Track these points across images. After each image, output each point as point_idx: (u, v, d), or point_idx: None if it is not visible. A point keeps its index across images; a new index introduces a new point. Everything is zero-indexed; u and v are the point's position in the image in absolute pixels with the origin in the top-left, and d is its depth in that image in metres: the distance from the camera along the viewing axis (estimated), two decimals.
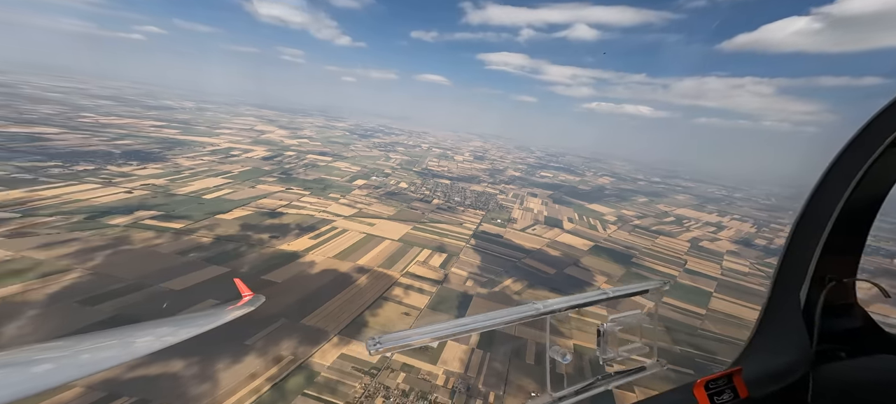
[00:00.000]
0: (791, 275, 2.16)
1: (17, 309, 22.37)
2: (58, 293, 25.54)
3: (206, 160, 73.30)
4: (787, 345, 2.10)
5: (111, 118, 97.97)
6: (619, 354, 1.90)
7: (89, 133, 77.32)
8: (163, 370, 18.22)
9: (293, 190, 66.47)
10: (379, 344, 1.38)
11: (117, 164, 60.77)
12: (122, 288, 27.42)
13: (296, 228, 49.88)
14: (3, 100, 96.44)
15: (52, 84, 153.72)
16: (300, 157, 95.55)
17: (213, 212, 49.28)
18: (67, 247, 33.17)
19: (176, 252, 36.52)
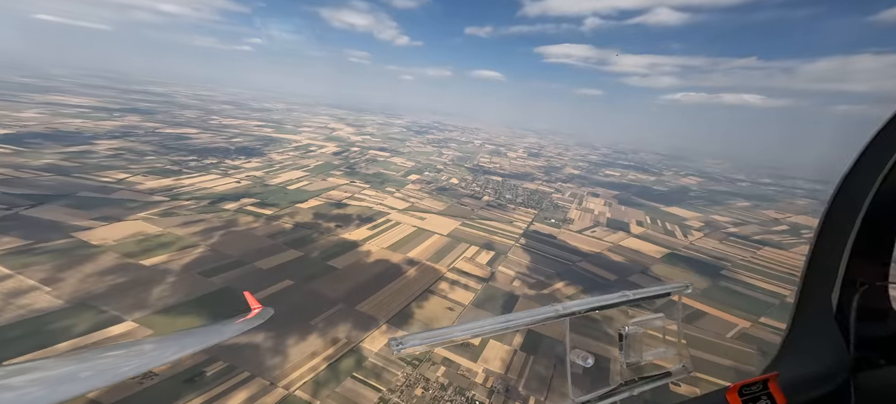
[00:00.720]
0: (820, 278, 2.05)
1: (162, 275, 29.29)
2: (189, 264, 32.42)
3: (291, 155, 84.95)
4: (823, 351, 1.99)
5: (229, 120, 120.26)
6: (642, 358, 1.83)
7: (214, 132, 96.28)
8: (248, 341, 22.02)
9: (356, 183, 72.77)
10: (401, 344, 1.38)
11: (232, 159, 74.60)
12: (228, 264, 33.63)
13: (356, 219, 54.65)
14: (163, 107, 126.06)
15: (193, 92, 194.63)
16: (363, 153, 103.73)
17: (294, 201, 57.05)
18: (196, 226, 41.88)
19: (266, 235, 43.30)
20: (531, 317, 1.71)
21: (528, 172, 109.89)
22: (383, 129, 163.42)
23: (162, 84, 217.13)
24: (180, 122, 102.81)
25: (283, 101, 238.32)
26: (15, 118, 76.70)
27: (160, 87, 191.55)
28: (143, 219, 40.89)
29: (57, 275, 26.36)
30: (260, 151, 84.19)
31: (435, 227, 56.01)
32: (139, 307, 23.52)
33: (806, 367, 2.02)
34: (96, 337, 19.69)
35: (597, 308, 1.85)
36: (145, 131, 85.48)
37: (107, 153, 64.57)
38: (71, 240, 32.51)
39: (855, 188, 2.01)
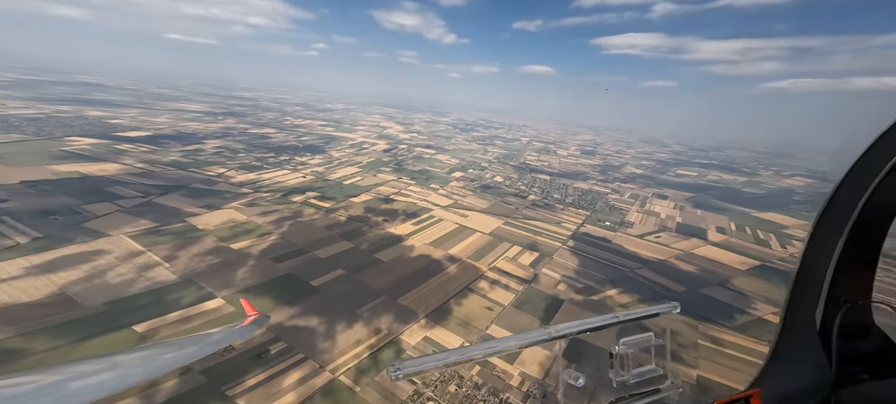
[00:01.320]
0: (805, 296, 2.11)
1: (245, 259, 34.40)
2: (264, 249, 37.46)
3: (347, 152, 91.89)
4: (805, 368, 2.05)
5: (299, 120, 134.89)
6: (632, 377, 1.86)
7: (288, 132, 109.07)
8: (305, 324, 24.82)
9: (403, 179, 75.71)
10: (399, 370, 1.43)
11: (300, 155, 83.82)
12: (294, 252, 38.04)
13: (402, 214, 57.03)
14: (251, 110, 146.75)
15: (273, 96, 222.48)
16: (410, 150, 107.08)
17: (348, 195, 61.86)
18: (271, 216, 48.09)
19: (324, 226, 47.84)
20: (523, 340, 1.73)
21: (580, 171, 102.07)
22: (430, 127, 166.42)
23: (250, 89, 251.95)
24: (263, 123, 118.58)
25: (342, 101, 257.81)
26: (151, 123, 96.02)
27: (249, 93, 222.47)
28: (234, 208, 48.22)
29: (174, 253, 32.81)
30: (322, 149, 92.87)
31: (477, 225, 55.69)
32: (227, 286, 28.11)
33: (788, 384, 2.03)
34: (195, 311, 24.14)
35: (588, 330, 1.87)
36: (238, 132, 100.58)
37: (212, 151, 77.31)
38: (184, 225, 39.90)
39: (840, 208, 2.00)
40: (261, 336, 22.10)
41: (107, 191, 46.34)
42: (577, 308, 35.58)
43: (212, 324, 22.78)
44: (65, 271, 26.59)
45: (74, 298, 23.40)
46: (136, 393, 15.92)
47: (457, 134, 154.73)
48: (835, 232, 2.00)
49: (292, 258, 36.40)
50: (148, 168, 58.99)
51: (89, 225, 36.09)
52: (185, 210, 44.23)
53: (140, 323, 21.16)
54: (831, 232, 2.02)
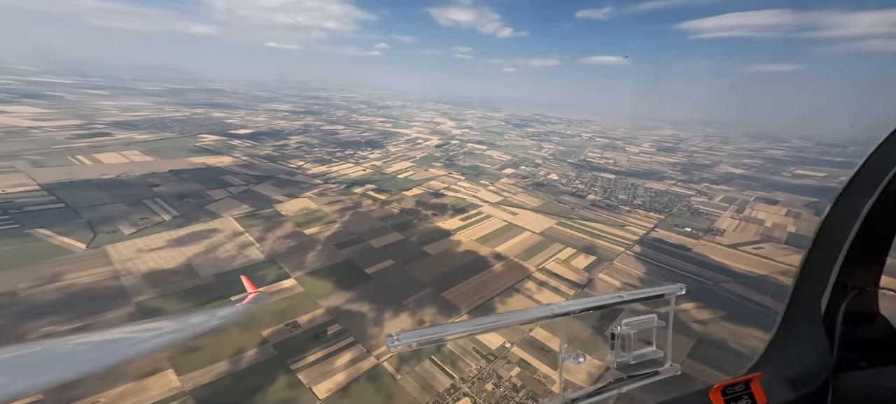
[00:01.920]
0: (812, 282, 2.10)
1: (314, 244, 39.11)
2: (329, 236, 41.99)
3: (402, 148, 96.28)
4: (807, 353, 2.04)
5: (363, 117, 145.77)
6: (632, 357, 1.86)
7: (353, 128, 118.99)
8: (357, 309, 27.41)
9: (453, 174, 76.36)
10: (397, 341, 1.39)
11: (362, 150, 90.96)
12: (352, 240, 41.86)
13: (451, 209, 57.85)
14: (324, 108, 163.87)
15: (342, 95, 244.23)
16: (462, 146, 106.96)
17: (402, 188, 65.11)
18: (337, 205, 53.49)
19: (379, 217, 51.40)
20: (526, 316, 1.70)
21: (654, 170, 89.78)
22: (482, 123, 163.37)
23: (325, 89, 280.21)
24: (333, 120, 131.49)
25: (399, 98, 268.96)
26: (253, 121, 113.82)
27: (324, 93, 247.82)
28: (308, 197, 54.92)
29: (263, 234, 39.10)
30: (380, 144, 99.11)
31: (527, 224, 53.59)
32: (298, 267, 32.53)
33: (789, 368, 2.02)
34: (274, 288, 28.56)
35: (591, 308, 1.83)
36: (314, 128, 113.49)
37: (294, 145, 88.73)
38: (271, 210, 46.97)
39: (856, 194, 1.95)
40: (321, 316, 25.17)
41: (221, 179, 56.85)
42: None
43: (284, 302, 26.69)
44: (191, 245, 33.93)
45: (195, 268, 29.74)
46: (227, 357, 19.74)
47: (510, 130, 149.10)
48: (850, 218, 1.94)
49: (351, 245, 40.10)
50: (249, 160, 70.56)
51: (209, 207, 44.92)
52: (273, 197, 51.94)
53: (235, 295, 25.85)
54: (846, 218, 1.95)
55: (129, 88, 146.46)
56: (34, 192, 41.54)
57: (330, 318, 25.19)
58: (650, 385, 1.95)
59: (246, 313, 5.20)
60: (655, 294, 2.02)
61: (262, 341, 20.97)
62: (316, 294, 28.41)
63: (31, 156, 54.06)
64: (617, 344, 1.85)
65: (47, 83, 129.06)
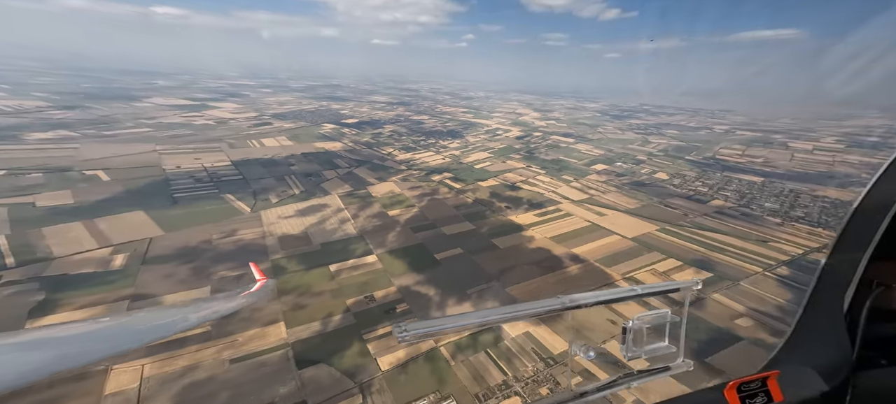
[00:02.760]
0: (835, 278, 2.01)
1: (395, 225, 43.14)
2: (408, 219, 45.58)
3: (482, 138, 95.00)
4: (827, 350, 1.97)
5: (447, 108, 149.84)
6: (644, 352, 1.80)
7: (437, 118, 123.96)
8: (424, 292, 29.23)
9: (532, 168, 71.32)
10: (405, 332, 1.36)
11: (443, 140, 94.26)
12: (426, 225, 44.34)
13: (526, 203, 54.61)
14: (414, 99, 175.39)
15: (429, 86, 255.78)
16: (545, 138, 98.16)
17: (477, 179, 64.83)
18: (416, 191, 57.33)
19: (453, 205, 52.74)
20: (536, 308, 1.67)
21: (836, 172, 64.35)
22: (572, 114, 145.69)
23: (415, 82, 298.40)
24: (420, 111, 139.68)
25: (483, 89, 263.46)
26: (359, 112, 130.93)
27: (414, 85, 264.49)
28: (394, 181, 60.59)
29: (357, 213, 45.36)
30: (461, 134, 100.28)
31: (616, 227, 46.36)
32: (380, 245, 36.60)
33: (807, 365, 1.94)
34: (360, 262, 32.81)
35: (604, 302, 1.77)
36: (404, 118, 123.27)
37: (387, 134, 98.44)
38: (365, 191, 53.84)
39: (888, 187, 1.89)
40: (393, 294, 27.89)
41: (333, 162, 68.01)
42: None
43: (366, 276, 30.54)
44: (309, 216, 42.22)
45: (310, 236, 36.90)
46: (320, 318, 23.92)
47: (606, 121, 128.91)
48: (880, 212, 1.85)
49: (425, 230, 42.58)
50: (353, 146, 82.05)
51: (323, 185, 54.62)
52: (367, 180, 59.37)
53: (332, 264, 30.96)
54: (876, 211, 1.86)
55: (284, 86, 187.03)
56: (227, 167, 58.62)
57: (400, 297, 27.65)
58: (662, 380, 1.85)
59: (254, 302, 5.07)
60: (670, 288, 1.92)
61: (346, 309, 24.64)
62: (391, 272, 31.55)
63: (228, 139, 75.77)
64: (628, 338, 1.77)
65: (241, 85, 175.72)
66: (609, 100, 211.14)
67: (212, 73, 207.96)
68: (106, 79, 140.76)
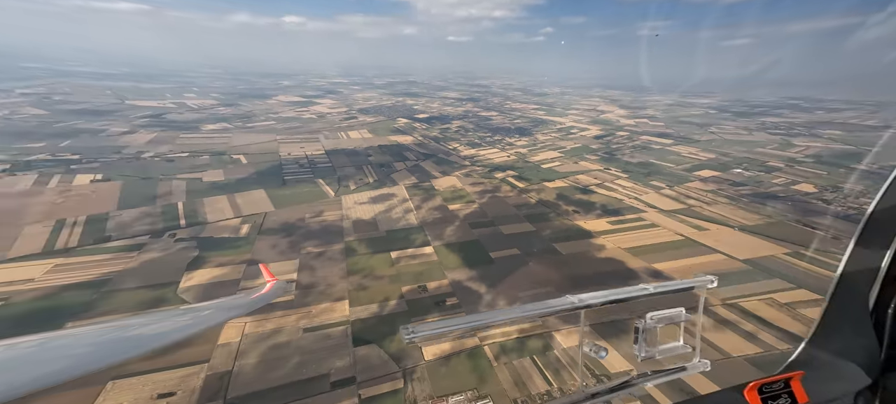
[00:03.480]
0: (859, 275, 1.94)
1: (454, 219, 43.68)
2: (466, 215, 45.64)
3: (552, 136, 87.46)
4: (853, 350, 1.90)
5: (517, 104, 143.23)
6: (658, 352, 1.75)
7: (505, 115, 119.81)
8: (476, 288, 28.87)
9: (611, 170, 62.42)
10: (413, 333, 1.34)
11: (510, 137, 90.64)
12: (484, 223, 43.60)
13: (599, 208, 48.38)
14: (483, 95, 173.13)
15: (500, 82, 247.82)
16: (632, 138, 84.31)
17: (543, 179, 60.31)
18: (478, 187, 56.87)
19: (514, 205, 50.43)
20: (546, 308, 1.65)
21: None
22: (672, 111, 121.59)
23: (486, 78, 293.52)
24: (489, 107, 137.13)
25: (559, 85, 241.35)
26: (429, 107, 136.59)
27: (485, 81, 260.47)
28: (456, 176, 61.39)
29: (419, 204, 47.66)
30: (529, 131, 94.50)
31: (720, 244, 37.56)
32: (438, 238, 37.65)
33: (832, 366, 1.88)
34: (417, 252, 34.39)
35: (615, 301, 1.72)
36: (472, 114, 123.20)
37: (455, 129, 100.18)
38: (429, 184, 56.09)
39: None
40: (445, 287, 28.37)
41: (403, 154, 72.85)
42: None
43: (421, 266, 31.83)
44: (378, 204, 46.39)
45: (377, 223, 40.50)
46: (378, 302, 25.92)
47: (724, 120, 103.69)
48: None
49: (482, 227, 41.96)
50: (421, 140, 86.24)
51: (393, 176, 59.13)
52: (432, 173, 61.68)
53: (394, 251, 33.26)
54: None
55: (369, 83, 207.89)
56: (321, 155, 69.02)
57: (451, 291, 27.97)
58: (678, 381, 1.75)
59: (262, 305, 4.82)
60: (684, 286, 1.85)
61: (400, 295, 26.20)
62: (445, 265, 32.15)
63: (324, 131, 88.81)
64: (642, 338, 1.69)
65: (338, 83, 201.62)
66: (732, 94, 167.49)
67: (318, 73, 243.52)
68: (251, 81, 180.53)
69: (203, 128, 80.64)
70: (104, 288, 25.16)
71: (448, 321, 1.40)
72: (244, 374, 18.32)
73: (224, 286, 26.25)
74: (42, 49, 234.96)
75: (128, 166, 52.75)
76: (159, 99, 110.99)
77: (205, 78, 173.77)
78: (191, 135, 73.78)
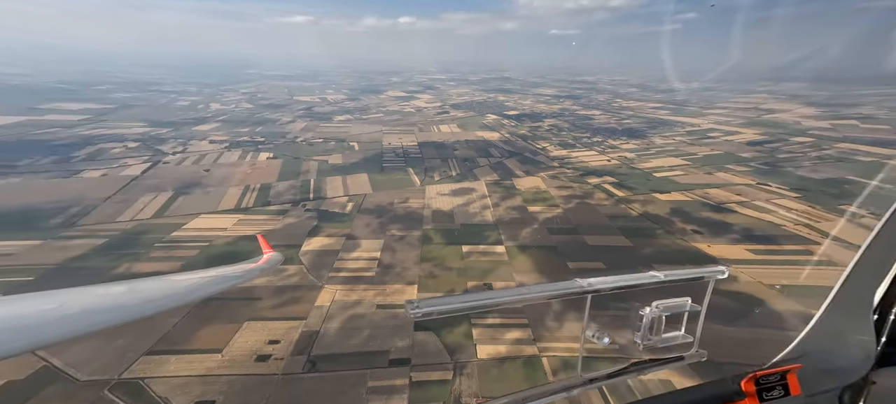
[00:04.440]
0: (867, 273, 1.99)
1: (532, 221, 40.90)
2: (546, 218, 42.04)
3: (677, 140, 69.51)
4: (850, 345, 2.00)
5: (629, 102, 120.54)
6: (660, 341, 1.78)
7: (611, 114, 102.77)
8: None
9: (769, 186, 45.41)
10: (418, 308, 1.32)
11: (614, 139, 77.37)
12: (566, 229, 39.16)
13: (736, 232, 36.38)
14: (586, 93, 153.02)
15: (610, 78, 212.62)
16: (817, 146, 58.23)
17: (653, 189, 49.20)
18: (564, 191, 51.39)
19: (607, 215, 43.23)
20: (553, 291, 1.62)
21: None
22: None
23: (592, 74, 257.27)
24: (591, 105, 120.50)
25: (699, 79, 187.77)
26: (521, 104, 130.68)
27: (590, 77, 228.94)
28: (541, 177, 57.12)
29: (498, 202, 46.64)
30: (643, 133, 78.11)
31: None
32: (511, 238, 36.00)
33: (827, 360, 1.93)
34: (490, 249, 33.60)
35: (624, 287, 1.73)
36: (569, 113, 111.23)
37: (546, 128, 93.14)
38: (509, 183, 54.19)
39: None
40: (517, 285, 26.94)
41: (487, 150, 72.57)
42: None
43: (491, 264, 31.08)
44: (457, 197, 47.80)
45: (454, 215, 41.78)
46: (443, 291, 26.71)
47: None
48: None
49: (563, 234, 37.81)
50: (509, 137, 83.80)
51: (475, 171, 59.82)
52: (514, 171, 59.30)
53: (465, 245, 33.70)
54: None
55: (464, 79, 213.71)
56: (414, 146, 76.02)
57: None
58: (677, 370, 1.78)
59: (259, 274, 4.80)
60: (694, 276, 1.81)
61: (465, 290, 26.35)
62: (515, 267, 30.55)
63: (419, 124, 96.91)
64: (645, 325, 1.72)
65: (436, 79, 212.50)
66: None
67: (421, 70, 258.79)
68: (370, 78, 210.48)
69: (334, 119, 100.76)
70: None
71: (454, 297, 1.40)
72: (327, 336, 21.29)
73: (327, 254, 31.63)
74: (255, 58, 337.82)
75: (287, 148, 71.43)
76: (311, 94, 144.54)
77: (340, 76, 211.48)
78: (326, 124, 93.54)
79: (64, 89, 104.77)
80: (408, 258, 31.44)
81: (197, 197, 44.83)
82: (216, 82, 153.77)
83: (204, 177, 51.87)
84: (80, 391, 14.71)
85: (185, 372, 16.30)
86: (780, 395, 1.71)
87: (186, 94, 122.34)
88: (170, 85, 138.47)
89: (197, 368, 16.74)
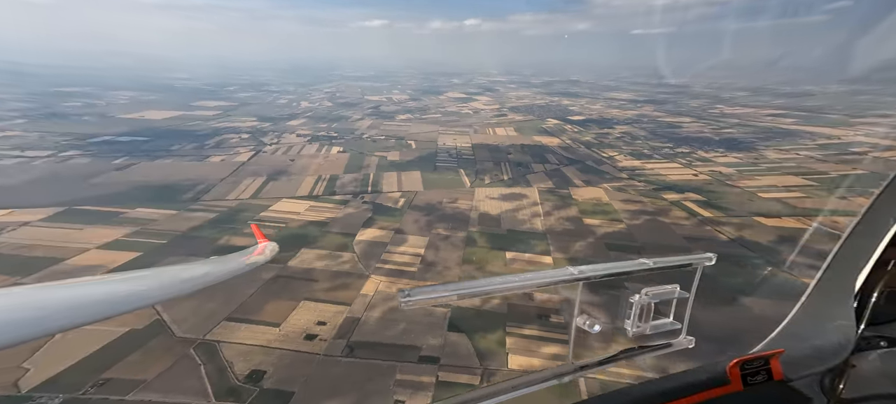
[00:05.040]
0: (851, 257, 2.05)
1: (588, 235, 37.40)
2: (606, 233, 37.99)
3: (802, 155, 54.54)
4: (832, 330, 2.03)
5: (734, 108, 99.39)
6: (648, 328, 1.79)
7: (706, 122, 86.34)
8: None
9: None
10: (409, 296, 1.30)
11: (705, 150, 64.87)
12: (630, 247, 34.48)
13: None
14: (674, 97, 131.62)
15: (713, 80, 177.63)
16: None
17: (756, 212, 39.93)
18: (632, 205, 45.56)
19: (685, 236, 36.79)
20: (544, 279, 1.65)
21: None
22: None
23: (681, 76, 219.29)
24: (681, 112, 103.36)
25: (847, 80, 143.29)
26: (589, 109, 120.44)
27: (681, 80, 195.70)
28: (604, 188, 51.74)
29: (550, 210, 43.86)
30: (750, 145, 63.65)
31: None
32: (561, 250, 33.47)
33: (809, 345, 1.95)
34: (535, 259, 31.77)
35: (613, 274, 1.75)
36: (649, 119, 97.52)
37: (616, 135, 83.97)
38: (566, 192, 50.44)
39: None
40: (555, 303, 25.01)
41: (544, 156, 68.87)
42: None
43: None
44: (507, 202, 46.51)
45: (501, 220, 40.77)
46: None
47: None
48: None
49: (623, 251, 33.61)
50: (570, 144, 78.04)
51: (528, 177, 57.45)
52: (573, 181, 54.98)
53: (510, 252, 32.64)
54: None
55: (525, 82, 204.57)
56: (467, 148, 76.68)
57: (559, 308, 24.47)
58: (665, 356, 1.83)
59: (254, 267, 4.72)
60: (682, 263, 1.85)
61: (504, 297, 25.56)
62: None
63: (475, 126, 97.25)
64: (634, 312, 1.73)
65: (497, 81, 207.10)
66: None
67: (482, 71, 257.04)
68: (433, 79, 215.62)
69: (397, 118, 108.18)
70: (324, 228, 39.20)
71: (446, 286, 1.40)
72: (367, 325, 22.40)
73: (377, 245, 33.63)
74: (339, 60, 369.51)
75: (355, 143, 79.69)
76: (379, 94, 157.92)
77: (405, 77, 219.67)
78: (389, 123, 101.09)
79: (208, 90, 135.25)
80: (450, 257, 31.91)
81: (282, 182, 53.44)
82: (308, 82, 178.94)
83: (289, 165, 61.51)
84: (176, 345, 17.57)
85: (249, 341, 18.63)
86: (763, 380, 1.74)
87: (286, 93, 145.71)
88: (275, 85, 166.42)
89: (259, 338, 18.89)
